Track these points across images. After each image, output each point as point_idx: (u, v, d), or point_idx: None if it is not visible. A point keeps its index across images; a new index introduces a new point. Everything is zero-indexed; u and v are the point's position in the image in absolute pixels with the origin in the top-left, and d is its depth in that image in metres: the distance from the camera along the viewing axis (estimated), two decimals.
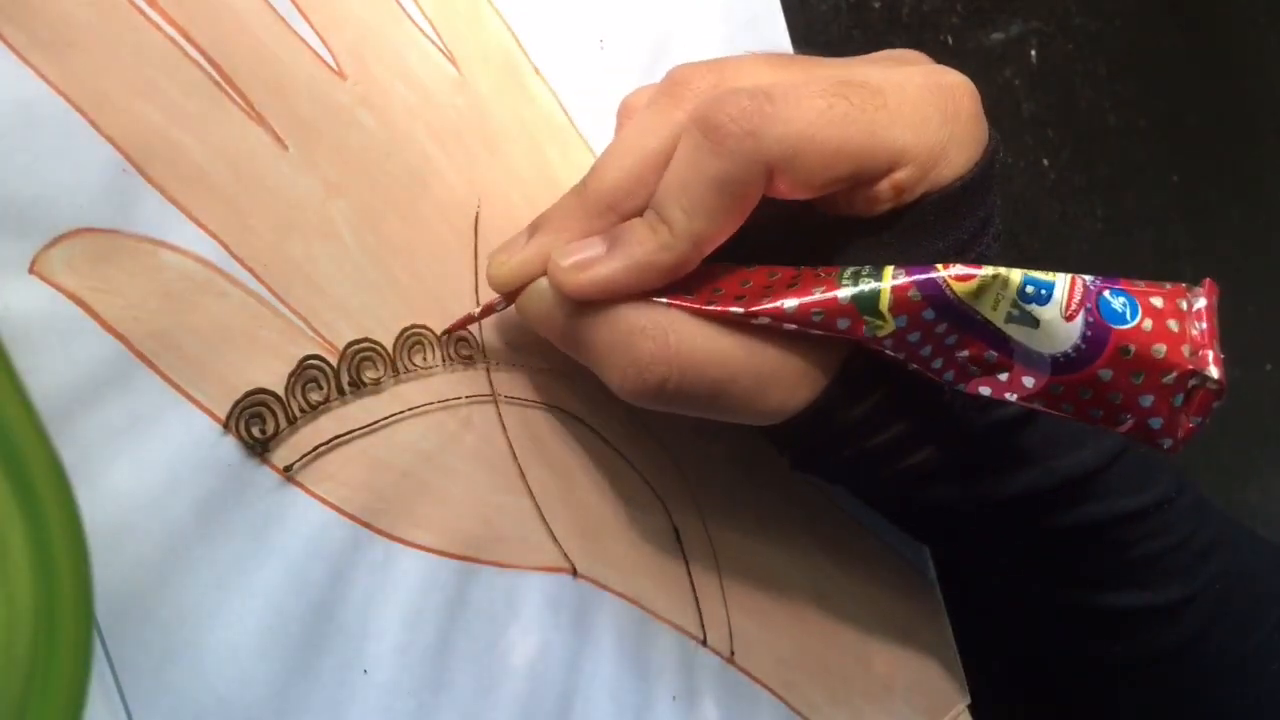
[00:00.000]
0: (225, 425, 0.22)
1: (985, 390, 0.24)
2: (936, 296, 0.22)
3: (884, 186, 0.24)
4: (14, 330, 0.19)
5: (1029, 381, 0.23)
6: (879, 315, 0.22)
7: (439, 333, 0.26)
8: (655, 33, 0.32)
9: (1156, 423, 0.23)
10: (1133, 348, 0.22)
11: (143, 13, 0.22)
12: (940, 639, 0.38)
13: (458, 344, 0.26)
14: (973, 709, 0.38)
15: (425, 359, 0.26)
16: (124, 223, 0.21)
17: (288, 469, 0.23)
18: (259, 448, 0.22)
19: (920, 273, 0.22)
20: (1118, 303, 0.22)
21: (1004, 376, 0.23)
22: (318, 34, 0.25)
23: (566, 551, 0.28)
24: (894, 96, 0.23)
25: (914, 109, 0.24)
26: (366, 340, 0.25)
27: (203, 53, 0.23)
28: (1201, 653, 0.31)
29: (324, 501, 0.23)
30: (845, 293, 0.22)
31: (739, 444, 0.33)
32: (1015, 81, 0.47)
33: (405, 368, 0.25)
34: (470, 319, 0.26)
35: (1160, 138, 0.54)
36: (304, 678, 0.23)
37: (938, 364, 0.23)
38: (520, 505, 0.27)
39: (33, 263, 0.20)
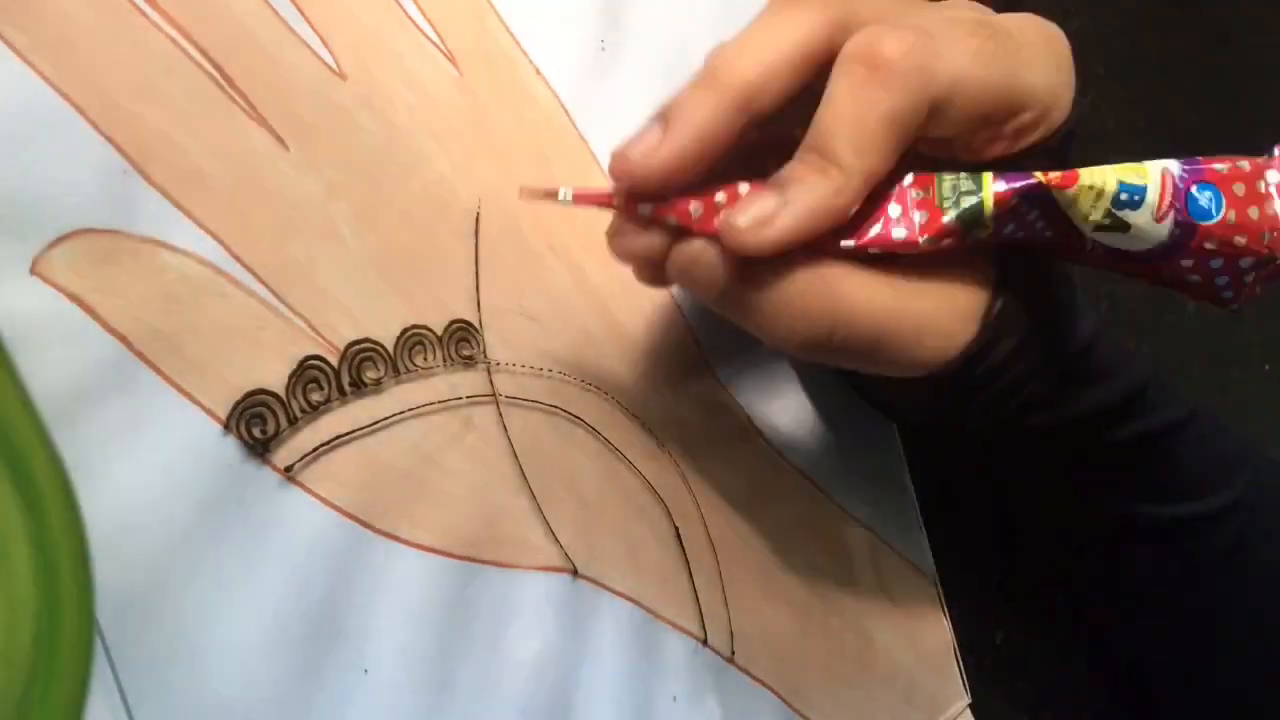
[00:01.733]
0: (226, 425, 0.22)
1: (1070, 257, 0.25)
2: (1038, 197, 0.23)
3: (1009, 127, 0.24)
4: (15, 331, 0.19)
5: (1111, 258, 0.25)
6: (983, 226, 0.23)
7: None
8: (655, 33, 0.32)
9: (1228, 292, 0.25)
10: (1216, 240, 0.23)
11: (143, 13, 0.22)
12: (940, 639, 0.38)
13: (458, 344, 0.26)
14: (973, 709, 0.38)
15: (426, 359, 0.26)
16: (125, 223, 0.21)
17: (288, 469, 0.23)
18: (260, 448, 0.22)
19: (1021, 180, 0.23)
20: (1204, 198, 0.23)
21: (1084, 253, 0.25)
22: (318, 34, 0.25)
23: (567, 551, 0.28)
24: (1024, 40, 0.24)
25: (1040, 53, 0.24)
26: (367, 340, 0.25)
27: (203, 53, 0.23)
28: (1241, 561, 0.33)
29: (324, 502, 0.23)
30: (949, 217, 0.23)
31: (740, 444, 0.33)
32: None
33: (406, 368, 0.25)
34: (552, 195, 0.24)
35: (1160, 138, 0.54)
36: (304, 677, 0.23)
37: (1021, 236, 0.25)
38: (520, 505, 0.27)
39: (34, 263, 0.20)
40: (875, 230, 0.23)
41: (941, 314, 0.24)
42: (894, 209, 0.24)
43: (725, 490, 0.32)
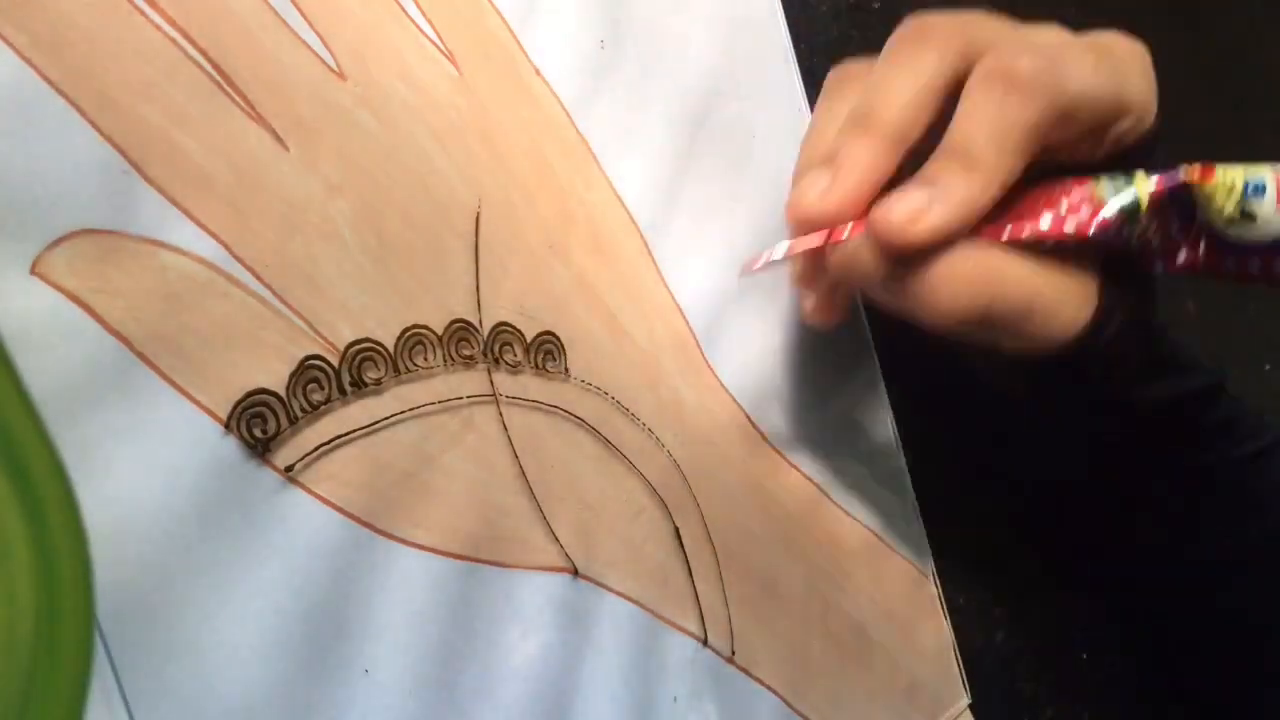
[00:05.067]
0: (226, 425, 0.22)
1: (1185, 268, 0.27)
2: (1180, 194, 0.25)
3: (1112, 134, 0.27)
4: (15, 331, 0.19)
5: (1230, 264, 0.26)
6: (1136, 220, 0.26)
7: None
8: (655, 33, 0.32)
9: None
10: None
11: (143, 13, 0.22)
12: (940, 639, 0.38)
13: (458, 344, 0.26)
14: (973, 709, 0.38)
15: (426, 359, 0.26)
16: (125, 223, 0.21)
17: (289, 469, 0.23)
18: (260, 448, 0.22)
19: (1168, 175, 0.26)
20: None
21: (1201, 260, 0.27)
22: (318, 34, 0.25)
23: (567, 551, 0.28)
24: (1119, 54, 0.27)
25: (1133, 65, 0.27)
26: (367, 340, 0.25)
27: (203, 53, 0.23)
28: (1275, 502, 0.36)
29: (325, 501, 0.23)
30: (1111, 210, 0.26)
31: (740, 444, 0.33)
32: None
33: (406, 368, 0.25)
34: (769, 260, 0.28)
35: (1160, 138, 0.54)
36: (305, 677, 0.23)
37: (1158, 247, 0.27)
38: (520, 505, 0.27)
39: (34, 263, 0.20)
40: (1046, 223, 0.26)
41: (1072, 287, 0.27)
42: (1062, 205, 0.26)
43: (725, 490, 0.32)
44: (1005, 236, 0.26)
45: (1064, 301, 0.27)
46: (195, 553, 0.21)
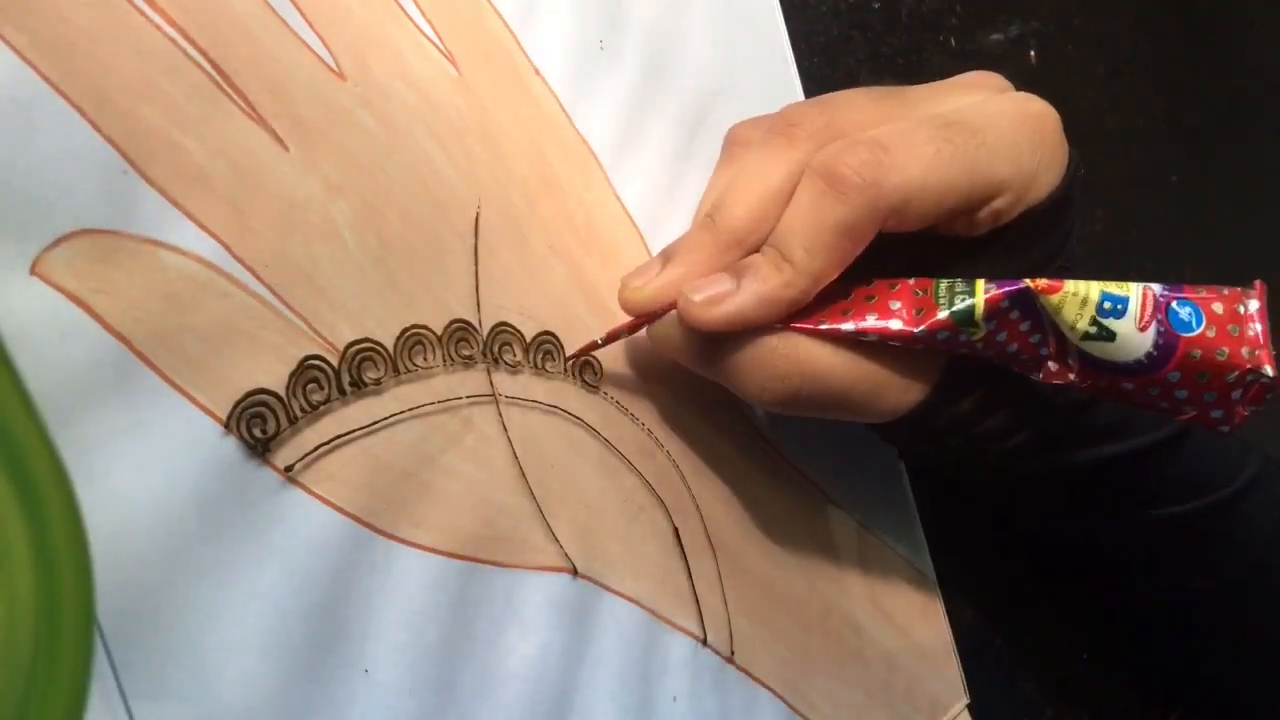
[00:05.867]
0: (226, 426, 0.22)
1: (1058, 380, 0.26)
2: (1024, 303, 0.25)
3: (984, 214, 0.27)
4: (15, 331, 0.19)
5: (1104, 382, 0.26)
6: (974, 325, 0.25)
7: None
8: (655, 33, 0.32)
9: (1218, 413, 0.25)
10: (1199, 352, 0.24)
11: (143, 13, 0.22)
12: (940, 639, 0.38)
13: (458, 344, 0.26)
14: (972, 709, 0.38)
15: (426, 359, 0.26)
16: (124, 224, 0.21)
17: (289, 469, 0.23)
18: (260, 448, 0.22)
19: (1010, 285, 0.25)
20: (1184, 312, 0.25)
21: (1074, 375, 0.26)
22: (318, 34, 0.25)
23: (567, 551, 0.28)
24: (991, 133, 0.26)
25: (1009, 143, 0.26)
26: (367, 340, 0.25)
27: (203, 53, 0.23)
28: (1253, 541, 0.36)
29: (325, 501, 0.23)
30: (944, 313, 0.25)
31: (739, 444, 0.33)
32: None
33: (406, 368, 0.25)
34: (595, 345, 0.28)
35: (1159, 138, 0.54)
36: (305, 678, 0.23)
37: (1023, 357, 0.26)
38: (520, 505, 0.27)
39: (34, 263, 0.20)
40: (872, 319, 0.26)
41: (899, 373, 0.27)
42: (894, 303, 0.26)
43: (725, 490, 0.32)
44: (824, 328, 0.26)
45: (886, 388, 0.27)
46: (195, 553, 0.21)
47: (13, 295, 0.20)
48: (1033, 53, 0.48)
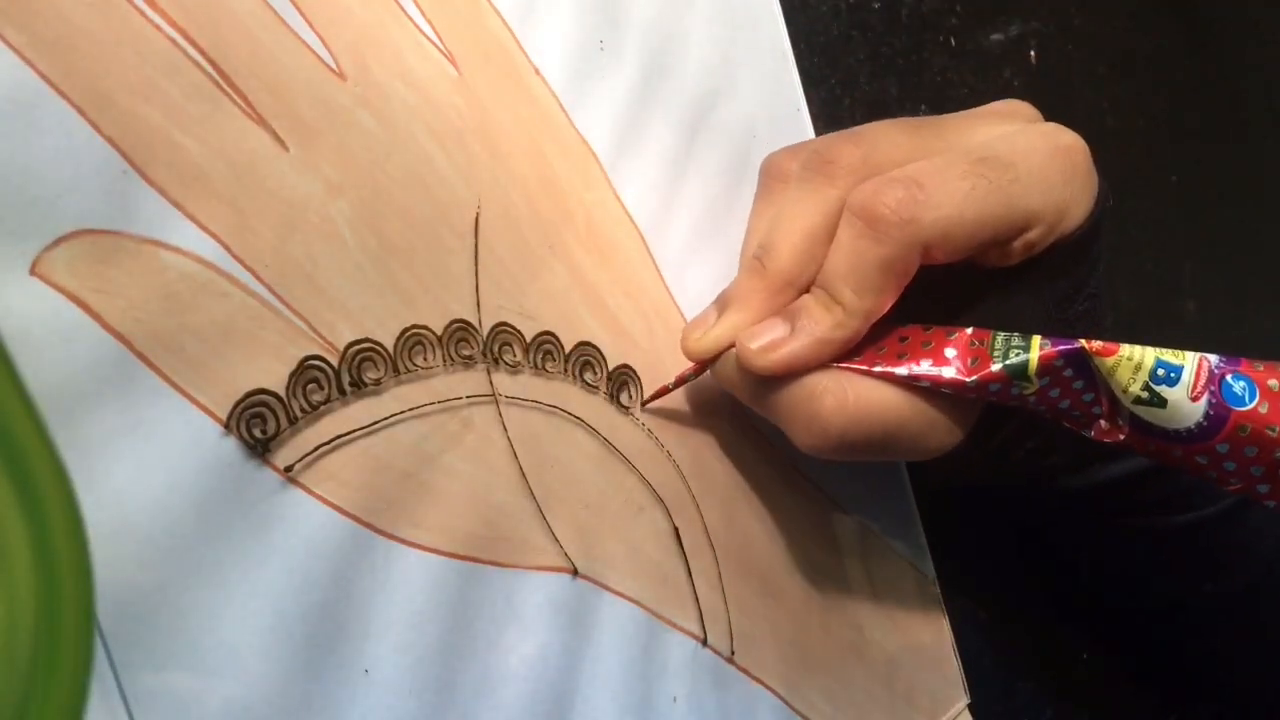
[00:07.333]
0: (226, 426, 0.22)
1: (1109, 439, 0.26)
2: (1078, 362, 0.25)
3: (1017, 245, 0.27)
4: (15, 331, 0.19)
5: (1152, 446, 0.26)
6: (1027, 379, 0.25)
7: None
8: (655, 33, 0.32)
9: (1264, 488, 0.25)
10: (1250, 427, 0.24)
11: (143, 13, 0.22)
12: (940, 639, 0.38)
13: (458, 344, 0.26)
14: (972, 709, 0.38)
15: (426, 359, 0.26)
16: (124, 224, 0.21)
17: (289, 469, 0.23)
18: (260, 448, 0.22)
19: (1066, 344, 0.25)
20: (1238, 386, 0.24)
21: (1124, 435, 0.26)
22: (318, 34, 0.25)
23: (566, 551, 0.28)
24: (1023, 167, 0.26)
25: (1041, 176, 0.27)
26: (367, 340, 0.25)
27: (203, 53, 0.23)
28: (1262, 549, 0.36)
29: (325, 501, 0.23)
30: (997, 365, 0.25)
31: (739, 444, 0.33)
32: (1014, 82, 0.47)
33: (406, 368, 0.25)
34: (666, 390, 0.30)
35: (1159, 138, 0.54)
36: (305, 678, 0.23)
37: (1075, 413, 0.26)
38: (520, 505, 0.27)
39: (34, 263, 0.20)
40: (926, 365, 0.26)
41: (945, 413, 0.27)
42: (950, 350, 0.26)
43: (725, 490, 0.32)
44: (877, 371, 0.27)
45: (933, 428, 0.27)
46: (195, 553, 0.21)
47: (13, 295, 0.20)
48: (1033, 53, 0.48)
